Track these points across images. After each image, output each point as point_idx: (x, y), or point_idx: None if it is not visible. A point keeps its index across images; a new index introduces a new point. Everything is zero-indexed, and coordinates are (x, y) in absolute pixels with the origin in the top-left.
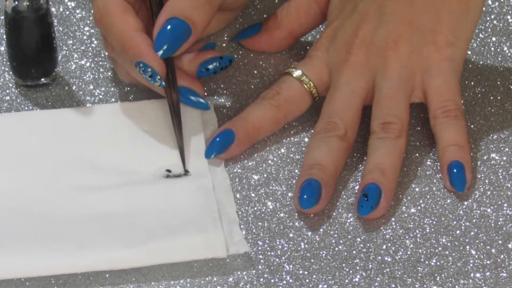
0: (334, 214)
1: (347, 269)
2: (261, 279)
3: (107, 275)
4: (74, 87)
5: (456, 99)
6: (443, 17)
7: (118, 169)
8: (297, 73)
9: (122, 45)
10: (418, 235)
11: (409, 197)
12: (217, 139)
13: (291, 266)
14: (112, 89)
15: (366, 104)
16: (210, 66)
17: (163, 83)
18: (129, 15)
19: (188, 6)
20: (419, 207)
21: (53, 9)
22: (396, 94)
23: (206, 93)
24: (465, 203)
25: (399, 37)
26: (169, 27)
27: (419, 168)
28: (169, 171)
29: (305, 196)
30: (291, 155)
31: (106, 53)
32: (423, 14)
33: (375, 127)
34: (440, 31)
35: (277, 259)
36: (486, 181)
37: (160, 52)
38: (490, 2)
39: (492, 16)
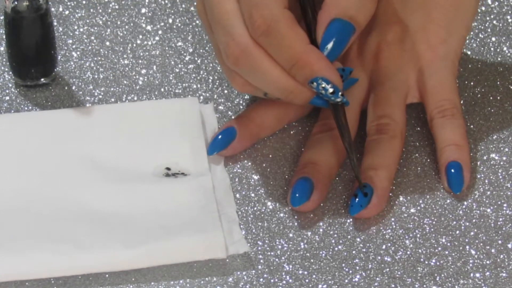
0: (334, 214)
1: (346, 269)
2: (261, 279)
3: (107, 275)
4: (73, 87)
5: (452, 97)
6: (433, 14)
7: (118, 169)
8: None
9: (297, 60)
10: (418, 235)
11: (409, 197)
12: (219, 136)
13: (290, 266)
14: (112, 89)
15: (365, 108)
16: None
17: (345, 98)
18: (298, 27)
19: (352, 5)
20: (419, 207)
21: (53, 9)
22: (390, 95)
23: (206, 93)
24: (465, 203)
25: (391, 38)
26: (334, 28)
27: (419, 168)
28: (168, 169)
29: (296, 195)
30: (291, 155)
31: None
32: (414, 12)
33: (370, 129)
34: (431, 29)
35: (276, 259)
36: (486, 181)
37: (326, 54)
38: (490, 2)
39: (492, 16)
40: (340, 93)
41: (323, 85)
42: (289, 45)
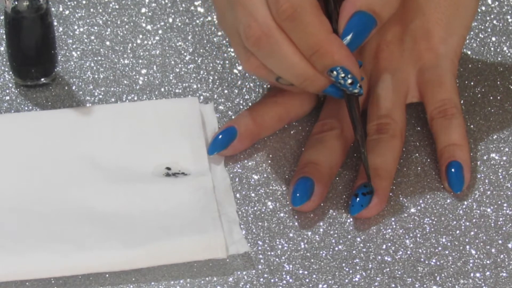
0: (334, 214)
1: (347, 269)
2: (261, 279)
3: (107, 275)
4: (74, 87)
5: (452, 96)
6: (433, 14)
7: (118, 169)
8: None
9: (319, 48)
10: (418, 235)
11: (409, 197)
12: (220, 136)
13: (291, 266)
14: (112, 89)
15: (365, 108)
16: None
17: (362, 90)
18: (322, 15)
19: (377, 0)
20: (419, 207)
21: (53, 9)
22: (390, 95)
23: (206, 93)
24: (465, 203)
25: (391, 38)
26: (357, 20)
27: (419, 168)
28: (169, 168)
29: (297, 194)
30: (291, 155)
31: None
32: (413, 12)
33: (370, 129)
34: (432, 29)
35: (277, 259)
36: (486, 181)
37: (346, 43)
38: (490, 2)
39: (492, 16)
40: (358, 85)
41: (342, 75)
42: (313, 32)
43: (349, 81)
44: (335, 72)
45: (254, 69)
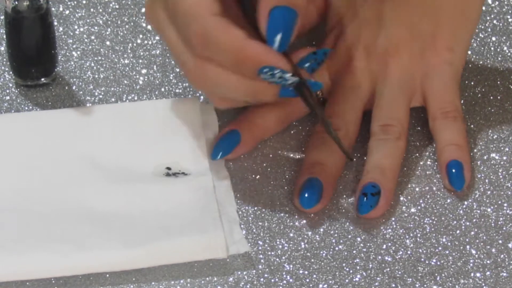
0: (334, 214)
1: (347, 269)
2: (261, 279)
3: (107, 275)
4: (74, 87)
5: (455, 101)
6: (442, 21)
7: (118, 169)
8: None
9: (237, 58)
10: (418, 235)
11: (409, 197)
12: (223, 141)
13: (291, 266)
14: (112, 89)
15: (367, 109)
16: (307, 65)
17: (296, 78)
18: (230, 28)
19: None
20: (419, 207)
21: (53, 9)
22: (397, 98)
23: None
24: (465, 203)
25: (399, 43)
26: (276, 17)
27: (419, 168)
28: (169, 168)
29: (306, 195)
30: (292, 155)
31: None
32: (422, 18)
33: (375, 129)
34: (439, 35)
35: (277, 259)
36: (486, 180)
37: (276, 45)
38: (490, 2)
39: (492, 16)
40: (289, 75)
41: (270, 73)
42: (226, 47)
43: (278, 75)
44: (262, 74)
45: (219, 103)
